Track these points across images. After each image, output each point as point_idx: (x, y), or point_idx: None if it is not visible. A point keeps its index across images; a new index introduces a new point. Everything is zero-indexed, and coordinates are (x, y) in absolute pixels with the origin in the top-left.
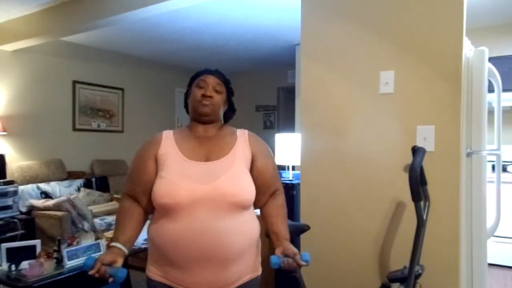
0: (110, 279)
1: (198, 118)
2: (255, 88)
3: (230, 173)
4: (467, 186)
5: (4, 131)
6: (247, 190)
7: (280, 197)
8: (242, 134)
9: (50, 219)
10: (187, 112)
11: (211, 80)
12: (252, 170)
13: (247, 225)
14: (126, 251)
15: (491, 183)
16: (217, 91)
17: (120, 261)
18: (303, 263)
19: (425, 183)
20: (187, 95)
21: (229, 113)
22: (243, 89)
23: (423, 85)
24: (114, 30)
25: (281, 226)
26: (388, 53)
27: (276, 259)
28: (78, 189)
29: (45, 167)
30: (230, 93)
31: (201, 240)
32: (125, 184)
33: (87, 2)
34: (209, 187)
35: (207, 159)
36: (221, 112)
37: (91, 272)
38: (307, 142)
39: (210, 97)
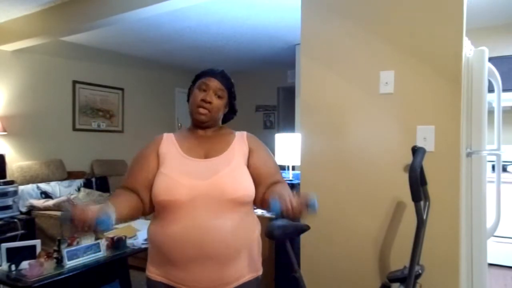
0: (94, 225)
1: (196, 122)
2: (255, 88)
3: (229, 169)
4: (467, 186)
5: (4, 131)
6: (246, 186)
7: (282, 184)
8: (240, 134)
9: (50, 219)
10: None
11: (214, 84)
12: (249, 165)
13: (247, 224)
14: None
15: (491, 183)
16: (218, 96)
17: (107, 212)
18: (310, 207)
19: (425, 183)
20: (190, 92)
21: (230, 115)
22: (243, 89)
23: (423, 85)
24: (114, 30)
25: (280, 188)
26: (388, 53)
27: (275, 203)
28: (78, 189)
29: (45, 167)
30: (232, 97)
31: (200, 239)
32: (124, 179)
33: (87, 2)
34: (208, 183)
35: (206, 156)
36: (220, 115)
37: (75, 213)
38: (307, 142)
39: (209, 102)
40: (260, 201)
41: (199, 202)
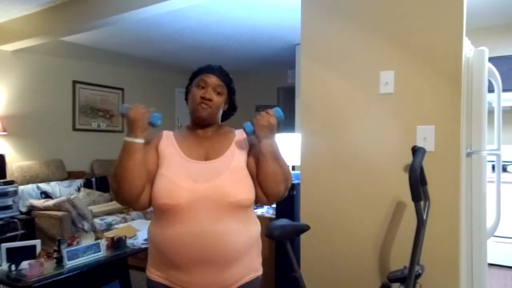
0: (147, 118)
1: (196, 120)
2: (255, 88)
3: (230, 171)
4: (467, 186)
5: (4, 131)
6: (246, 189)
7: None
8: (240, 132)
9: (50, 219)
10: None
11: (212, 81)
12: (249, 157)
13: (247, 226)
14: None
15: (491, 183)
16: (217, 93)
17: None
18: (274, 113)
19: (425, 183)
20: (188, 90)
21: (230, 112)
22: (243, 89)
23: (423, 85)
24: (114, 30)
25: None
26: (388, 53)
27: (246, 123)
28: (78, 189)
29: (45, 167)
30: (231, 92)
31: (201, 242)
32: None
33: (87, 2)
34: (208, 186)
35: (207, 157)
36: (220, 113)
37: (131, 108)
38: (307, 142)
39: (209, 100)
40: (260, 192)
41: (199, 205)
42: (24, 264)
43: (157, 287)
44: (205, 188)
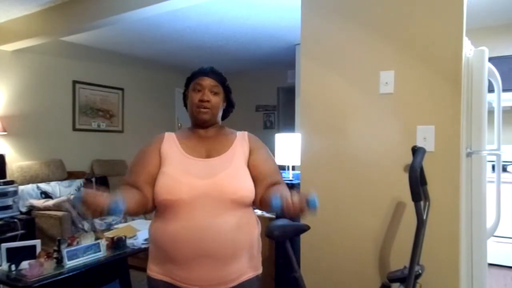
0: (105, 208)
1: (198, 123)
2: (255, 88)
3: (230, 169)
4: (467, 186)
5: (4, 131)
6: (247, 186)
7: (282, 185)
8: (242, 134)
9: (50, 219)
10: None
11: (207, 82)
12: (249, 164)
13: (247, 223)
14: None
15: (491, 183)
16: (214, 93)
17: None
18: (310, 203)
19: (425, 183)
20: (185, 95)
21: (228, 109)
22: (243, 89)
23: (423, 85)
24: (114, 30)
25: (281, 188)
26: (388, 53)
27: (276, 199)
28: (78, 189)
29: (45, 167)
30: (227, 91)
31: (200, 237)
32: (125, 177)
33: (87, 2)
34: (209, 182)
35: (208, 156)
36: (221, 112)
37: (84, 195)
38: (307, 142)
39: (208, 101)
40: (259, 201)
41: (200, 202)
42: (24, 264)
43: (157, 284)
44: (206, 184)
